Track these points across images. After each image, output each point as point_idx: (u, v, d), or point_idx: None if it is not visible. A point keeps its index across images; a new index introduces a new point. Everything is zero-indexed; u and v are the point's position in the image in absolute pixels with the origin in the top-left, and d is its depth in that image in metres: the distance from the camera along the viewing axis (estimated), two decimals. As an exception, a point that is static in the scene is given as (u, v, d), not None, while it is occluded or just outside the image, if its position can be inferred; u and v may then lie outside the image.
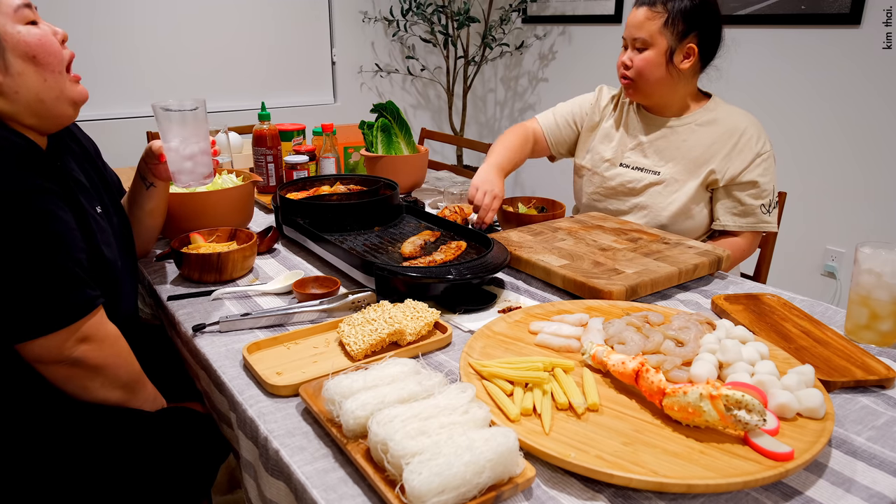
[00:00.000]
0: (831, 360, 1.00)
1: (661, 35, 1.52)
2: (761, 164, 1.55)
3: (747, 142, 1.55)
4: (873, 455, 0.81)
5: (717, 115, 1.60)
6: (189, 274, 1.34)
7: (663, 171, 1.62)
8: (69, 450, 1.04)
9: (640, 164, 1.66)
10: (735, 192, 1.57)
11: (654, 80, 1.56)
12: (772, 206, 1.57)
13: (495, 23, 3.85)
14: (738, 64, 2.85)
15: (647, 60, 1.54)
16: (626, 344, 0.99)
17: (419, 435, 0.73)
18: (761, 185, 1.55)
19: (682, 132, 1.62)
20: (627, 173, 1.67)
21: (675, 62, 1.54)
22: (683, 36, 1.52)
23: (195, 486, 1.18)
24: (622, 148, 1.70)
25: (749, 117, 1.59)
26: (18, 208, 0.93)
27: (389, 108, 2.04)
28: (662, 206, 1.62)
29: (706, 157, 1.58)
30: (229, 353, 1.06)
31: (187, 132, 1.25)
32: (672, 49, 1.53)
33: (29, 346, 0.97)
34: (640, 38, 1.54)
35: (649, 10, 1.53)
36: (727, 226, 1.60)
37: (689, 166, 1.60)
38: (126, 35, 3.17)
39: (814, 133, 2.72)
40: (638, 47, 1.56)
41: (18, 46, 1.00)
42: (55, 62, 1.04)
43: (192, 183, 1.29)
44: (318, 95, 3.86)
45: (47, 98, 1.04)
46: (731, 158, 1.56)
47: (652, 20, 1.52)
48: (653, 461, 0.75)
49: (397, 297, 1.16)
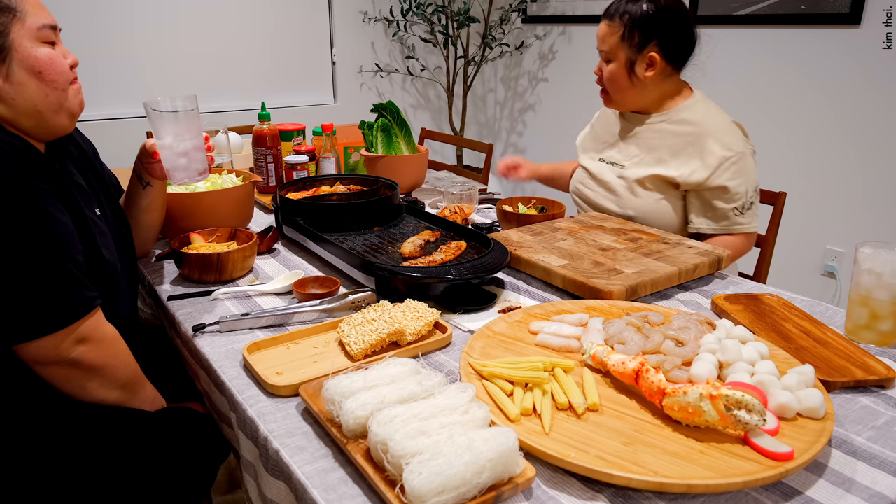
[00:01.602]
0: (831, 360, 1.00)
1: (619, 48, 1.57)
2: (729, 168, 1.52)
3: (712, 147, 1.53)
4: (873, 455, 0.81)
5: (689, 115, 1.60)
6: (189, 274, 1.34)
7: (628, 165, 1.67)
8: (69, 450, 1.04)
9: (613, 158, 1.72)
10: (705, 196, 1.56)
11: (621, 89, 1.62)
12: (746, 207, 1.55)
13: (495, 23, 3.85)
14: (739, 64, 2.86)
15: (611, 72, 1.61)
16: (626, 344, 0.99)
17: (419, 435, 0.73)
18: (731, 188, 1.53)
19: (652, 129, 1.64)
20: (602, 167, 1.74)
21: (637, 73, 1.58)
22: (642, 46, 1.55)
23: (195, 486, 1.18)
24: (602, 145, 1.77)
25: (719, 120, 1.57)
26: (16, 209, 0.93)
27: (389, 108, 2.04)
28: (629, 201, 1.64)
29: (666, 156, 1.60)
30: (229, 353, 1.06)
31: (180, 129, 1.26)
32: (632, 60, 1.57)
33: (27, 347, 0.97)
34: (603, 50, 1.61)
35: (608, 24, 1.58)
36: (701, 229, 1.59)
37: (651, 162, 1.62)
38: (126, 35, 3.17)
39: (814, 133, 2.72)
40: (605, 59, 1.62)
41: (27, 60, 1.02)
42: (60, 81, 1.06)
43: (187, 179, 1.29)
44: (318, 95, 3.86)
45: (45, 110, 1.06)
46: (693, 163, 1.55)
47: (611, 35, 1.58)
48: (653, 461, 0.75)
49: (397, 297, 1.16)
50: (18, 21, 1.01)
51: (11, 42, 1.00)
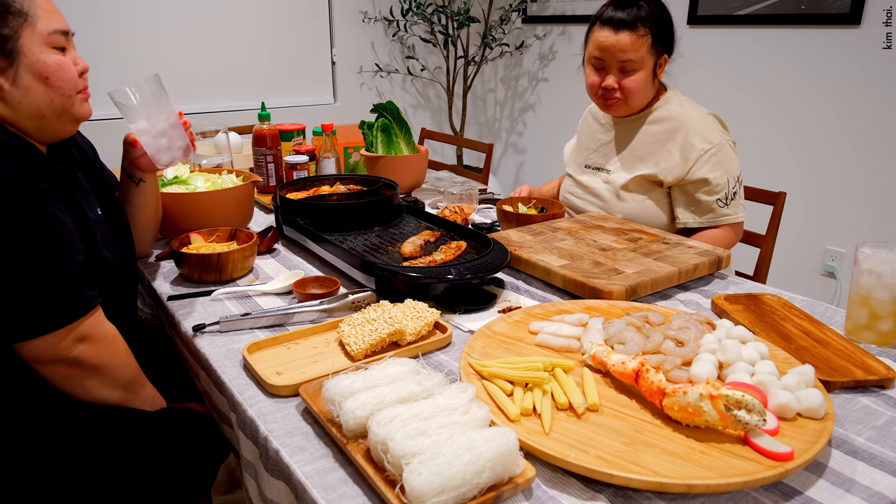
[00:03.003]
0: (831, 360, 1.00)
1: (649, 56, 1.55)
2: (709, 161, 1.54)
3: (689, 141, 1.55)
4: (873, 455, 0.81)
5: (666, 112, 1.61)
6: (189, 274, 1.34)
7: (612, 168, 1.67)
8: (69, 450, 1.04)
9: (597, 163, 1.73)
10: (688, 189, 1.58)
11: (644, 96, 1.60)
12: (729, 198, 1.56)
13: (495, 23, 3.85)
14: (738, 64, 2.86)
15: (638, 82, 1.56)
16: (626, 344, 0.99)
17: (419, 435, 0.73)
18: (712, 180, 1.54)
19: (631, 129, 1.65)
20: (587, 173, 1.75)
21: (657, 75, 1.59)
22: (662, 51, 1.57)
23: (195, 486, 1.18)
24: (587, 151, 1.78)
25: (695, 114, 1.59)
26: (16, 209, 0.93)
27: (389, 108, 2.04)
28: (615, 205, 1.66)
29: (646, 155, 1.61)
30: (229, 353, 1.06)
31: (150, 111, 1.25)
32: (656, 65, 1.58)
33: (27, 345, 0.97)
34: (629, 60, 1.54)
35: (632, 34, 1.52)
36: (688, 223, 1.60)
37: (633, 163, 1.63)
38: (127, 35, 3.17)
39: (814, 133, 2.72)
40: (624, 69, 1.56)
41: (35, 66, 1.02)
42: (67, 87, 1.06)
43: (174, 159, 1.29)
44: (318, 95, 3.86)
45: (49, 114, 1.06)
46: (672, 158, 1.57)
47: (640, 43, 1.53)
48: (653, 461, 0.75)
49: (397, 297, 1.16)
50: (29, 26, 1.01)
51: (21, 46, 1.01)
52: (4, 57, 1.00)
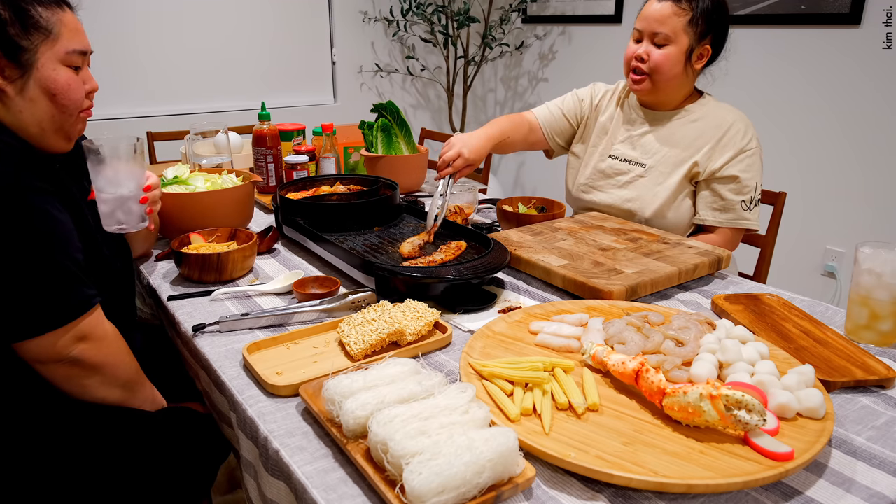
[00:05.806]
0: (831, 360, 1.00)
1: (684, 33, 1.51)
2: (745, 160, 1.54)
3: (733, 136, 1.55)
4: (873, 455, 0.81)
5: (707, 110, 1.61)
6: (189, 274, 1.34)
7: (649, 163, 1.63)
8: (69, 450, 1.04)
9: (628, 155, 1.67)
10: (715, 186, 1.57)
11: (671, 76, 1.55)
12: (753, 203, 1.56)
13: (495, 23, 3.85)
14: (739, 64, 2.85)
15: (667, 56, 1.52)
16: (626, 344, 0.99)
17: (419, 435, 0.73)
18: (742, 180, 1.54)
19: (672, 126, 1.63)
20: (616, 164, 1.68)
21: (691, 61, 1.55)
22: (703, 36, 1.53)
23: (195, 486, 1.18)
24: (612, 140, 1.71)
25: (738, 113, 1.59)
26: (14, 208, 0.94)
27: (389, 108, 2.04)
28: (648, 199, 1.62)
29: (691, 151, 1.59)
30: (229, 353, 1.06)
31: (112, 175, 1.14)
32: (692, 48, 1.53)
33: (27, 345, 0.97)
34: (662, 32, 1.51)
35: (675, 5, 1.50)
36: (706, 220, 1.59)
37: (674, 159, 1.60)
38: (127, 35, 3.17)
39: (814, 133, 2.71)
40: (657, 42, 1.53)
41: (45, 81, 1.03)
42: (71, 106, 1.08)
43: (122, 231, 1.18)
44: (318, 95, 3.86)
45: (48, 128, 1.07)
46: (715, 152, 1.56)
47: (678, 16, 1.50)
48: (653, 461, 0.75)
49: (397, 297, 1.16)
50: (50, 42, 1.03)
51: (36, 60, 1.02)
52: (18, 67, 1.01)
